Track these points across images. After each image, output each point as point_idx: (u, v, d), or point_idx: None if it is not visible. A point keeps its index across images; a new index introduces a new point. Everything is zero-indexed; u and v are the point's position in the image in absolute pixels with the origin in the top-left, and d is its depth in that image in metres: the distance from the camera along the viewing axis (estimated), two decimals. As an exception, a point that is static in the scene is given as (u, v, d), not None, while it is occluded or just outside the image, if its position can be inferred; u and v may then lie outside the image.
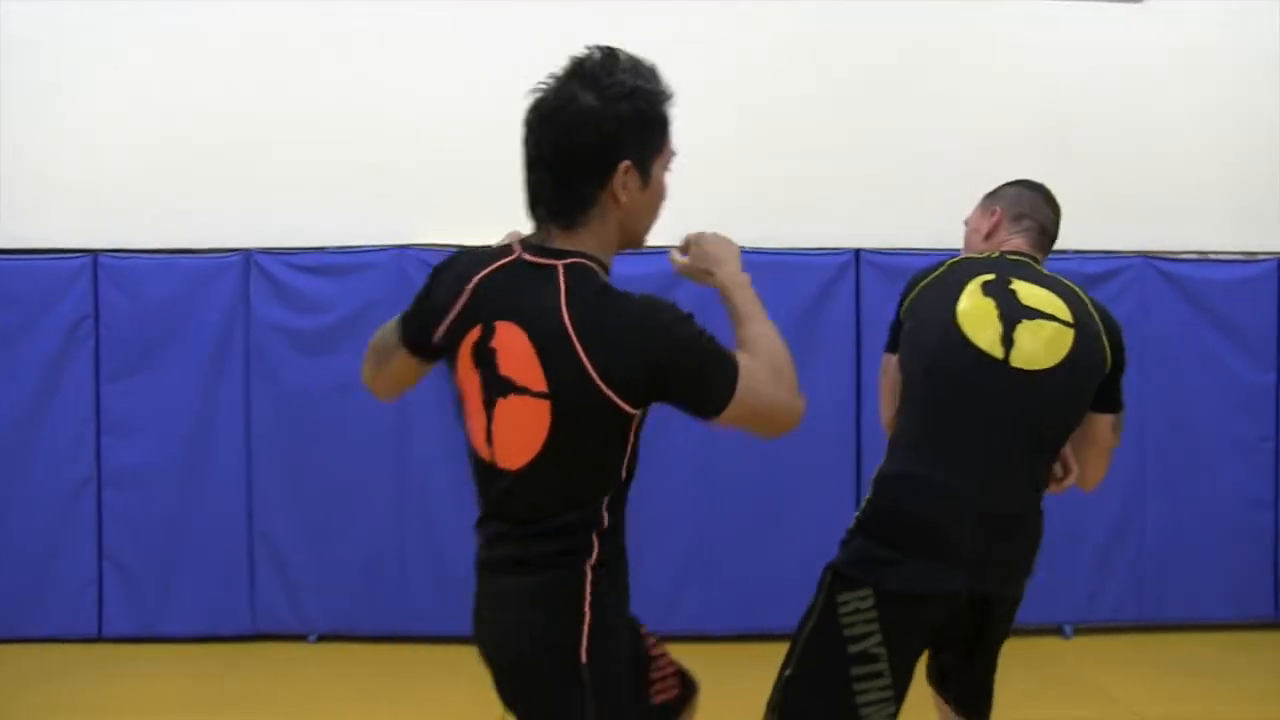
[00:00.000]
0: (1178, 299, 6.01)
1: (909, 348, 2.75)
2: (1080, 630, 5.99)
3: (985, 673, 2.84)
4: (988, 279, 2.71)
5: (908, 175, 6.13)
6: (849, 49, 6.21)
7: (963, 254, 2.97)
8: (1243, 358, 6.08)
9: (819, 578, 2.69)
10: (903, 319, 2.81)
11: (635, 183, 2.06)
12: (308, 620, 5.83)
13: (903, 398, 2.73)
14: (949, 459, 2.59)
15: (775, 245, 5.69)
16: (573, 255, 2.07)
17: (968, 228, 3.08)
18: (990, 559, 2.57)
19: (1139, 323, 5.73)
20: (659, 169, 2.11)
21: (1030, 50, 6.08)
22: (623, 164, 2.03)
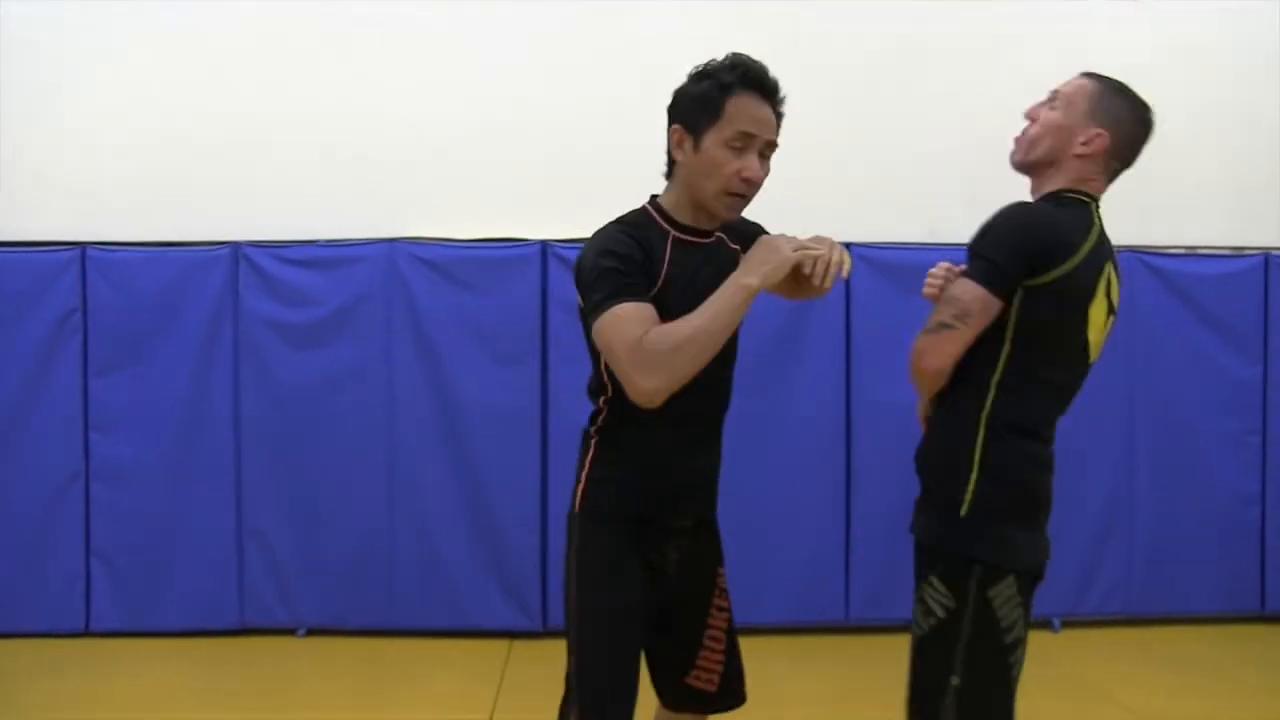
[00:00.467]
0: (1166, 294, 6.04)
1: (1045, 328, 2.53)
2: (1069, 624, 6.01)
3: None
4: (1110, 277, 2.62)
5: (900, 171, 6.15)
6: (842, 46, 6.23)
7: (1028, 151, 2.66)
8: (1230, 352, 6.11)
9: (947, 573, 2.49)
10: (1041, 281, 2.47)
11: (689, 145, 2.46)
12: (297, 614, 5.81)
13: (1018, 372, 2.53)
14: (1050, 438, 2.63)
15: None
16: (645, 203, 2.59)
17: (1047, 125, 2.64)
18: None
19: (1127, 317, 5.66)
20: (711, 140, 2.44)
21: (1023, 48, 6.08)
22: (674, 127, 2.50)
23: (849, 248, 5.97)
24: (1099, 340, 2.63)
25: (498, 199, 6.03)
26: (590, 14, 6.10)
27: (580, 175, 5.88)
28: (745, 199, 2.52)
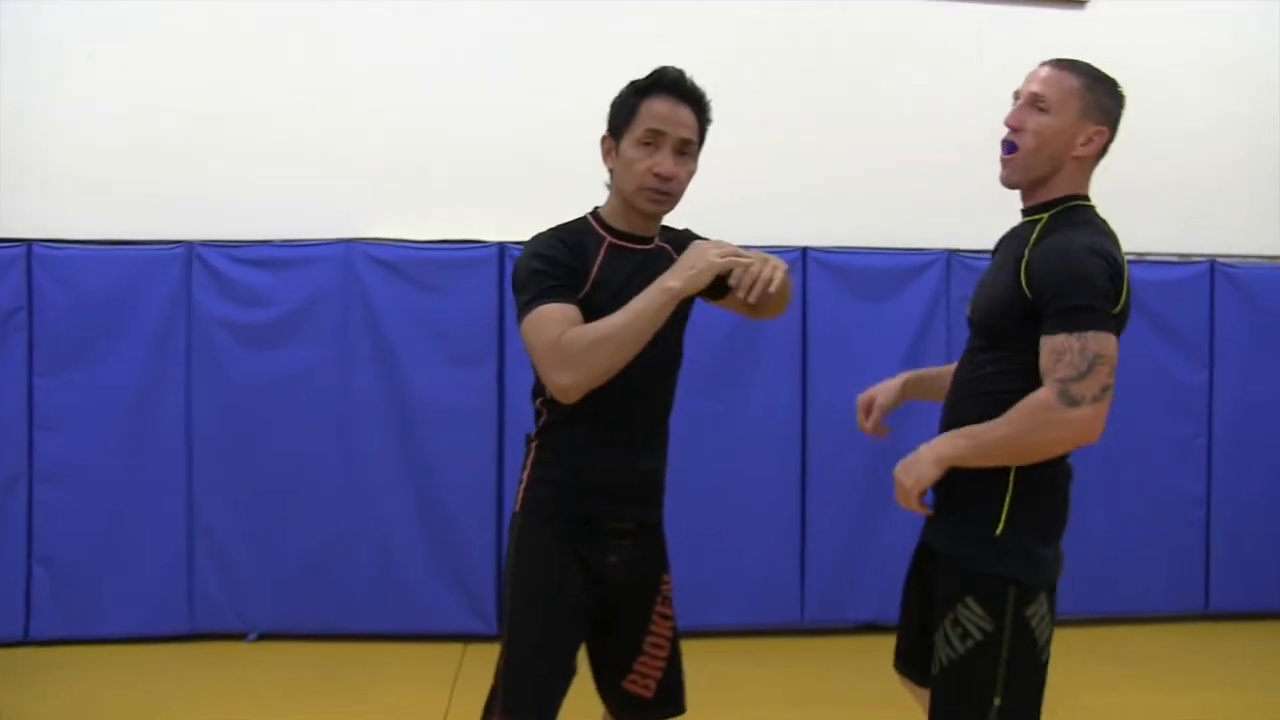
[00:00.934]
0: (1114, 299, 6.11)
1: None
2: (1020, 624, 6.06)
3: None
4: None
5: (855, 176, 6.21)
6: (800, 51, 6.29)
7: (1027, 169, 2.60)
8: (1177, 357, 6.23)
9: (984, 595, 2.46)
10: (1115, 311, 2.43)
11: (614, 152, 2.60)
12: (248, 618, 5.73)
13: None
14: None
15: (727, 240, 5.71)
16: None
17: (1042, 132, 2.57)
18: None
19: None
20: (627, 142, 2.55)
21: (981, 52, 6.18)
22: (603, 137, 2.64)
23: (804, 252, 6.07)
24: None
25: (454, 200, 6.00)
26: (548, 15, 6.10)
27: (537, 176, 5.87)
28: (665, 194, 2.56)
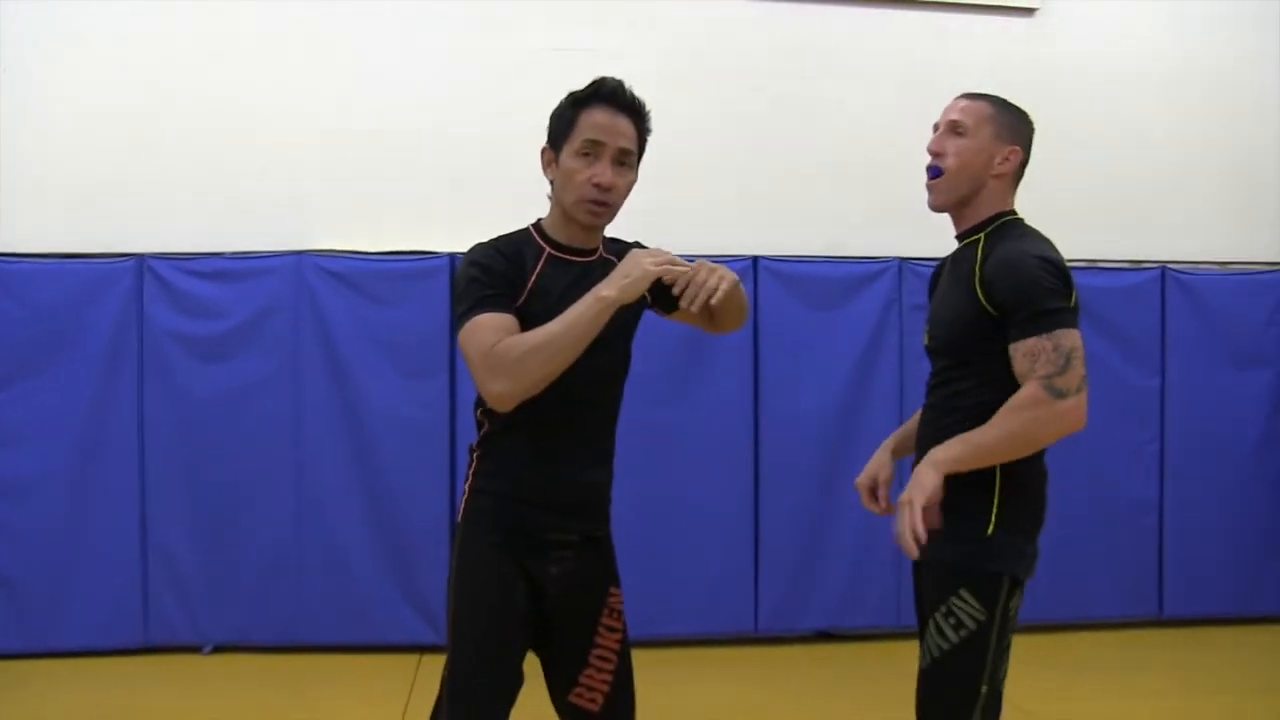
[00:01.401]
0: (1066, 306, 6.15)
1: None
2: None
3: None
4: None
5: (805, 185, 6.24)
6: (746, 59, 6.31)
7: (951, 190, 2.74)
8: (1129, 363, 6.27)
9: (979, 588, 2.56)
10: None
11: (554, 164, 2.59)
12: (202, 631, 5.73)
13: None
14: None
15: (674, 252, 5.72)
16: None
17: (963, 155, 2.72)
18: None
19: (1029, 329, 5.85)
20: (566, 153, 2.55)
21: (924, 62, 6.21)
22: (543, 149, 2.63)
23: (755, 261, 6.08)
24: None
25: (404, 211, 6.02)
26: (493, 27, 6.12)
27: (487, 187, 5.88)
28: (604, 205, 2.57)
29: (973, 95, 2.80)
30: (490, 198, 5.86)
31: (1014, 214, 2.77)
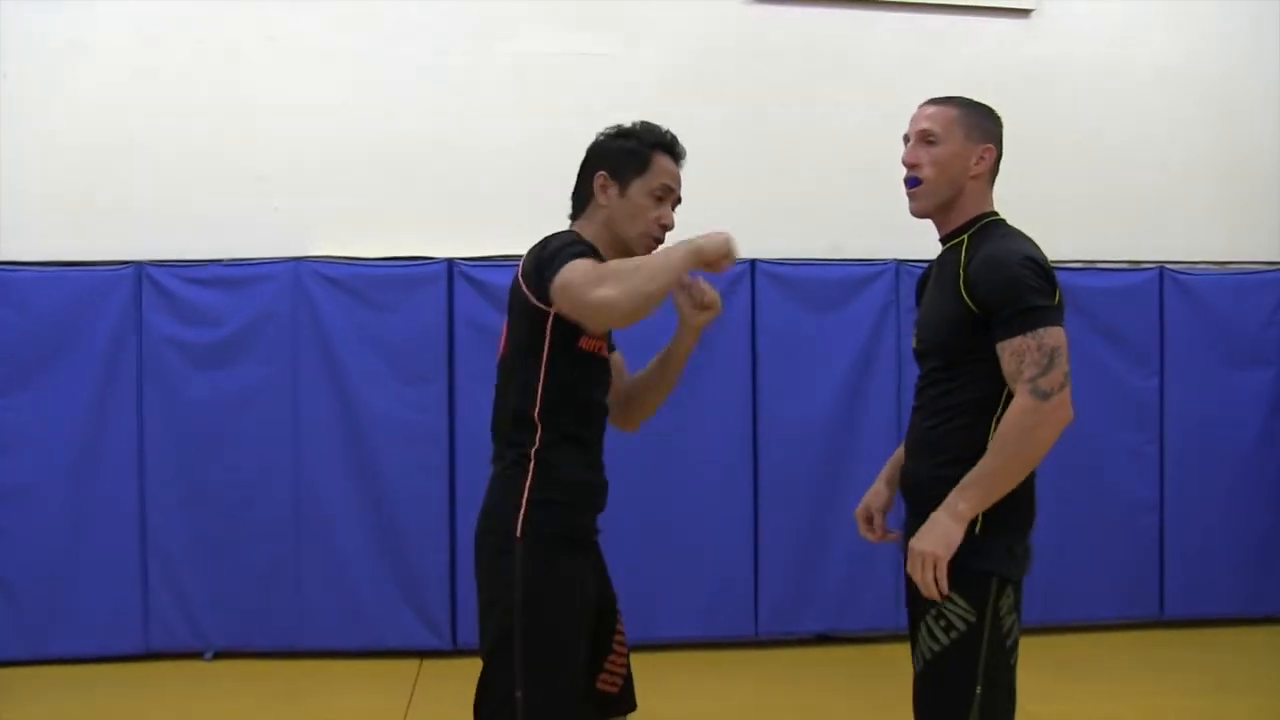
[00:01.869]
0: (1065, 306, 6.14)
1: None
2: (974, 632, 6.08)
3: None
4: None
5: (804, 188, 6.24)
6: (745, 63, 6.31)
7: (931, 196, 2.76)
8: (1128, 363, 6.27)
9: (969, 588, 2.53)
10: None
11: (614, 191, 2.76)
12: (204, 637, 5.74)
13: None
14: None
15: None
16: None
17: (939, 161, 2.75)
18: None
19: (1026, 330, 5.85)
20: (638, 190, 2.75)
21: (920, 64, 6.20)
22: (599, 173, 2.77)
23: (753, 264, 6.09)
24: None
25: (403, 218, 6.03)
26: (491, 32, 6.12)
27: (485, 194, 5.91)
28: (660, 243, 2.80)
29: (937, 100, 2.82)
30: (489, 203, 5.90)
31: (995, 214, 2.79)
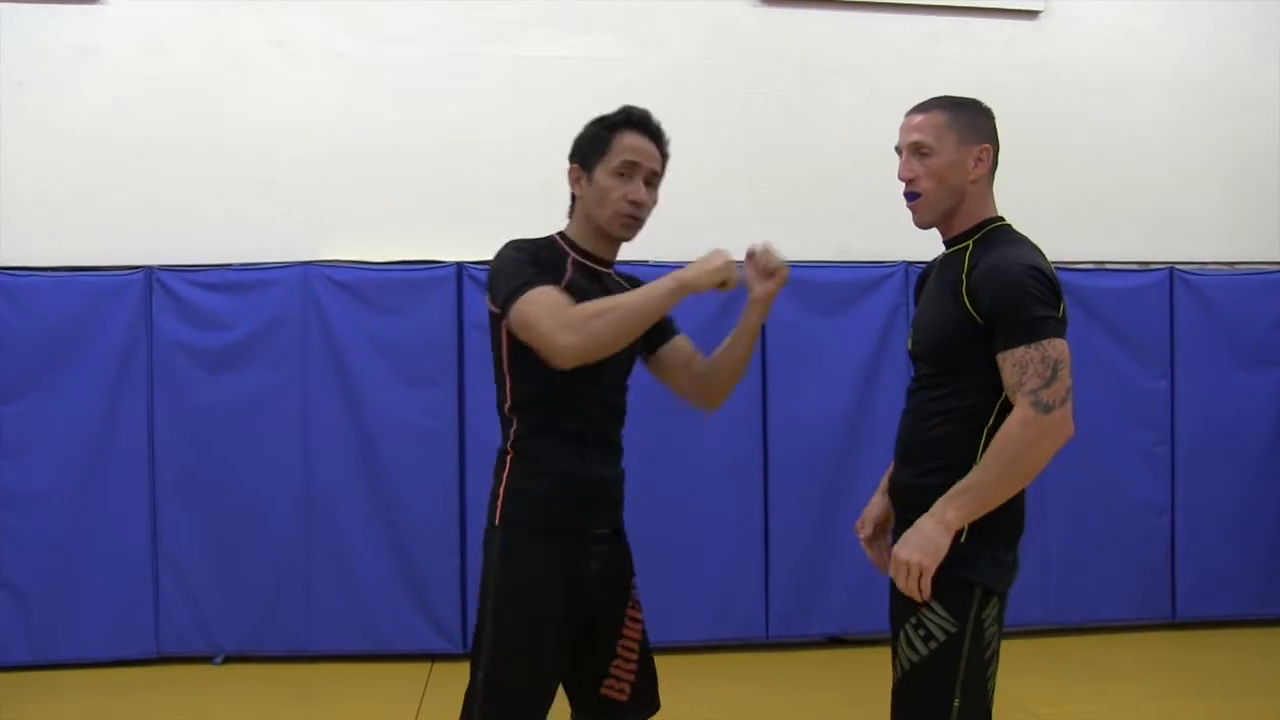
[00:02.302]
0: (1074, 307, 6.04)
1: None
2: (985, 634, 6.07)
3: None
4: None
5: (810, 190, 6.24)
6: (750, 65, 6.32)
7: (932, 208, 2.73)
8: (1138, 365, 6.25)
9: (950, 598, 2.52)
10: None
11: (584, 180, 2.73)
12: (214, 641, 5.74)
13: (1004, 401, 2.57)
14: None
15: (680, 258, 5.73)
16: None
17: (935, 172, 2.70)
18: None
19: (1036, 331, 5.85)
20: (601, 172, 2.70)
21: (928, 65, 6.19)
22: (571, 166, 2.78)
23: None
24: None
25: (412, 221, 6.04)
26: (498, 36, 6.13)
27: (494, 196, 5.91)
28: (636, 220, 2.74)
29: (923, 107, 2.76)
30: (497, 206, 5.89)
31: (1001, 220, 2.75)
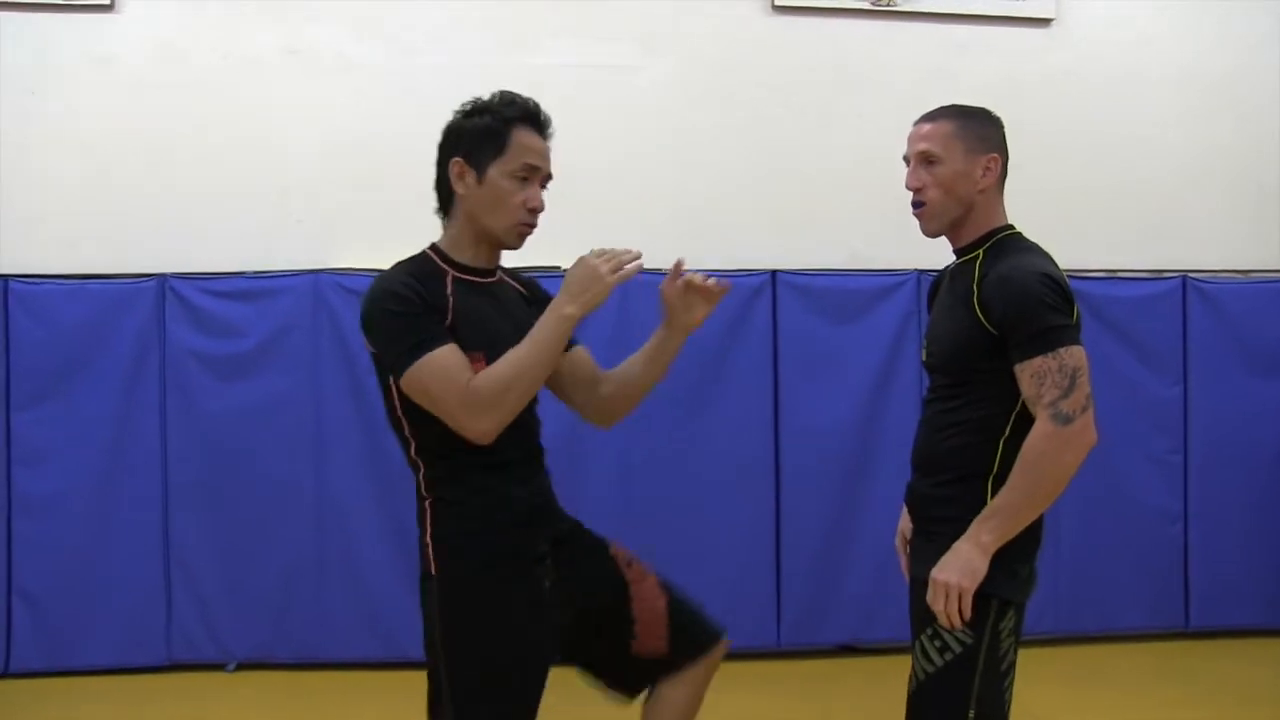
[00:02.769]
0: (1086, 316, 6.03)
1: None
2: (998, 643, 6.05)
3: None
4: None
5: (822, 197, 6.24)
6: (761, 72, 6.32)
7: (940, 217, 2.72)
8: (1151, 373, 6.23)
9: (974, 611, 2.50)
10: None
11: (471, 178, 2.50)
12: (226, 648, 5.74)
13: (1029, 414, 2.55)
14: None
15: (693, 267, 5.73)
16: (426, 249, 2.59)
17: (943, 182, 2.68)
18: None
19: (1049, 339, 5.84)
20: (497, 172, 2.49)
21: (940, 74, 6.20)
22: (454, 160, 2.52)
23: (774, 275, 6.09)
24: None
25: (424, 229, 5.98)
26: (511, 45, 6.13)
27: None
28: (533, 227, 2.58)
29: (931, 116, 2.74)
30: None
31: (1011, 228, 2.73)
